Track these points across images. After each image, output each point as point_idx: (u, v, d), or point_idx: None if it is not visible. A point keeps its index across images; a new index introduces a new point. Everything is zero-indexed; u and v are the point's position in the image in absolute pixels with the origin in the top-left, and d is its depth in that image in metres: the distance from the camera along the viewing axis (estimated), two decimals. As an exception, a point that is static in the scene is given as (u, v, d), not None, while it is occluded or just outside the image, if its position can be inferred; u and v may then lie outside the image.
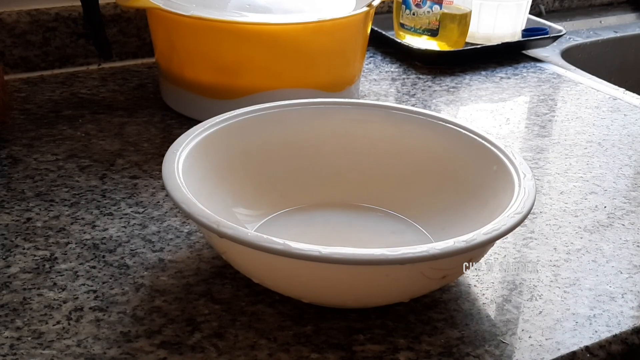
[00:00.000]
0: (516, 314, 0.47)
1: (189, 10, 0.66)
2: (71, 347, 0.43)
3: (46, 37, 0.82)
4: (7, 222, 0.55)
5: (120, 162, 0.64)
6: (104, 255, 0.51)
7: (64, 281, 0.48)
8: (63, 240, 0.53)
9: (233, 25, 0.66)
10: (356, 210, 0.57)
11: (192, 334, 0.44)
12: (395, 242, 0.53)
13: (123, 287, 0.48)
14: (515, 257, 0.53)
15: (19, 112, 0.73)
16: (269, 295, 0.48)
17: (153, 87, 0.81)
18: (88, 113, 0.74)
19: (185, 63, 0.70)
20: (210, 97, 0.70)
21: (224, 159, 0.54)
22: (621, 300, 0.49)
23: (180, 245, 0.53)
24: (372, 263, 0.40)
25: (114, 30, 0.85)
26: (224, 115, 0.55)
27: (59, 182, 0.60)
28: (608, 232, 0.57)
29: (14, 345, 0.43)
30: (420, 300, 0.48)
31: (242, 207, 0.54)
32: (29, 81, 0.81)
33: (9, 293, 0.47)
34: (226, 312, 0.46)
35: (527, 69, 0.92)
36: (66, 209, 0.57)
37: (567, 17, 1.16)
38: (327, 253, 0.39)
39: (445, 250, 0.40)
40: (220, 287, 0.48)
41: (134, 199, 0.58)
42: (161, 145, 0.67)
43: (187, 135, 0.52)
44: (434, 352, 0.43)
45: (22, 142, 0.67)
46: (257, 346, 0.43)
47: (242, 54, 0.67)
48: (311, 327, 0.45)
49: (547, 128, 0.76)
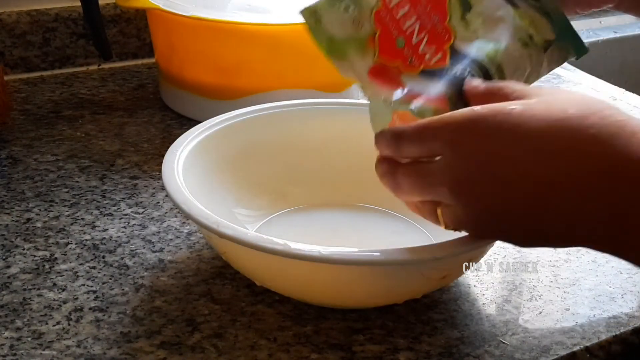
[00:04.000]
0: (516, 314, 0.47)
1: (189, 11, 0.66)
2: (71, 348, 0.43)
3: (46, 37, 0.82)
4: (7, 223, 0.55)
5: (120, 163, 0.64)
6: (104, 255, 0.51)
7: (63, 282, 0.48)
8: (63, 241, 0.53)
9: (233, 25, 0.65)
10: (356, 210, 0.57)
11: (192, 334, 0.44)
12: (395, 242, 0.53)
13: (123, 287, 0.48)
14: (515, 257, 0.53)
15: (19, 112, 0.73)
16: (269, 295, 0.48)
17: (153, 87, 0.81)
18: (88, 113, 0.74)
19: (185, 63, 0.70)
20: (210, 98, 0.70)
21: (223, 159, 0.54)
22: (621, 300, 0.49)
23: (180, 245, 0.53)
24: (373, 263, 0.40)
25: (114, 31, 0.85)
26: (224, 116, 0.55)
27: (59, 183, 0.60)
28: (608, 232, 0.57)
29: (14, 346, 0.43)
30: (420, 300, 0.48)
31: (242, 208, 0.54)
32: (29, 81, 0.81)
33: (9, 293, 0.47)
34: (226, 313, 0.46)
35: (527, 69, 0.92)
36: (66, 209, 0.57)
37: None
38: (327, 253, 0.39)
39: (445, 250, 0.40)
40: (220, 288, 0.48)
41: (134, 199, 0.58)
42: (161, 146, 0.67)
43: (187, 136, 0.52)
44: (434, 352, 0.43)
45: (22, 142, 0.67)
46: (257, 346, 0.43)
47: (242, 55, 0.67)
48: (311, 327, 0.45)
49: (547, 128, 0.76)
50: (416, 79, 0.45)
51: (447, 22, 0.45)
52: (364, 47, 0.45)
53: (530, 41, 0.45)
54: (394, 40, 0.45)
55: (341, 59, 0.46)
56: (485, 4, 0.45)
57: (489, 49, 0.44)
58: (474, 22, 0.45)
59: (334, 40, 0.45)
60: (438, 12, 0.45)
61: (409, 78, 0.45)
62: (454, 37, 0.45)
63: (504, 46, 0.45)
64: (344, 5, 0.45)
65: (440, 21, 0.45)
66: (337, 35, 0.45)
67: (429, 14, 0.45)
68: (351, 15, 0.45)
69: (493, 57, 0.44)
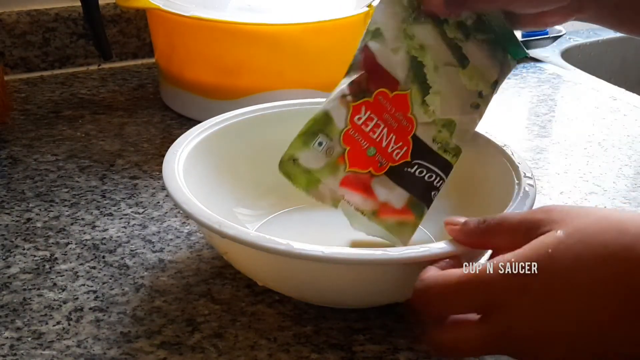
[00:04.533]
0: (516, 314, 0.47)
1: (189, 11, 0.66)
2: (71, 348, 0.43)
3: (46, 37, 0.82)
4: (7, 223, 0.55)
5: (120, 163, 0.64)
6: (104, 255, 0.51)
7: (64, 282, 0.48)
8: (63, 241, 0.53)
9: (233, 25, 0.66)
10: (356, 210, 0.57)
11: (192, 334, 0.44)
12: (395, 242, 0.53)
13: (123, 287, 0.48)
14: (516, 257, 0.53)
15: (19, 112, 0.73)
16: (269, 295, 0.48)
17: (153, 87, 0.81)
18: (88, 113, 0.74)
19: (185, 63, 0.70)
20: (210, 98, 0.70)
21: (224, 159, 0.54)
22: (621, 300, 0.49)
23: (180, 245, 0.53)
24: (374, 263, 0.40)
25: (114, 31, 0.85)
26: (224, 116, 0.55)
27: (59, 183, 0.60)
28: (608, 232, 0.57)
29: (14, 346, 0.43)
30: (421, 300, 0.47)
31: (242, 207, 0.54)
32: (29, 81, 0.81)
33: (9, 293, 0.47)
34: (226, 313, 0.46)
35: (527, 69, 0.92)
36: (66, 209, 0.57)
37: (567, 17, 1.15)
38: (329, 253, 0.39)
39: (446, 250, 0.40)
40: (220, 288, 0.48)
41: (134, 199, 0.58)
42: (161, 146, 0.67)
43: (187, 136, 0.52)
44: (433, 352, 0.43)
45: (22, 142, 0.67)
46: (257, 346, 0.43)
47: (242, 54, 0.67)
48: (311, 327, 0.45)
49: (547, 128, 0.76)
50: (384, 182, 0.48)
51: (409, 113, 0.48)
52: (334, 166, 0.48)
53: (480, 98, 0.49)
54: (364, 152, 0.48)
55: (317, 187, 0.48)
56: (442, 78, 0.48)
57: (443, 137, 0.49)
58: (432, 103, 0.48)
59: (311, 174, 0.47)
60: (401, 108, 0.48)
61: (378, 183, 0.48)
62: (415, 123, 0.48)
63: (456, 124, 0.49)
64: (318, 141, 0.47)
65: (404, 115, 0.48)
66: (313, 168, 0.47)
67: (394, 114, 0.48)
68: (324, 147, 0.47)
69: (447, 144, 0.49)
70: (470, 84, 0.49)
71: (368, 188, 0.48)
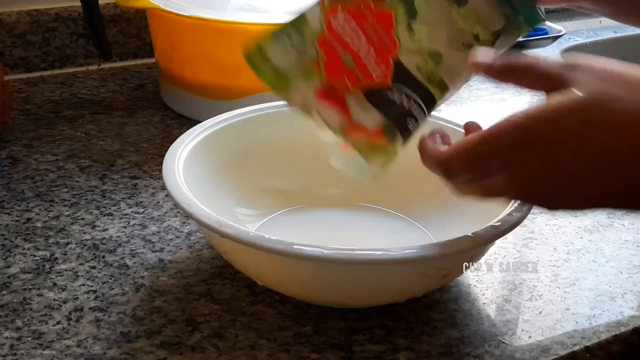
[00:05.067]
0: (516, 314, 0.47)
1: (189, 11, 0.66)
2: (71, 348, 0.43)
3: (46, 37, 0.82)
4: (7, 223, 0.55)
5: (120, 163, 0.64)
6: (104, 255, 0.51)
7: (64, 281, 0.48)
8: (63, 241, 0.53)
9: (233, 25, 0.65)
10: (356, 209, 0.57)
11: (192, 334, 0.44)
12: (396, 242, 0.53)
13: (123, 287, 0.48)
14: (515, 257, 0.53)
15: (19, 112, 0.73)
16: (269, 295, 0.48)
17: (153, 87, 0.81)
18: (88, 113, 0.74)
19: (185, 63, 0.70)
20: (210, 98, 0.70)
21: (224, 159, 0.54)
22: (621, 300, 0.49)
23: (180, 245, 0.53)
24: (374, 263, 0.40)
25: (114, 31, 0.85)
26: (224, 115, 0.55)
27: (59, 183, 0.60)
28: (608, 232, 0.57)
29: (14, 346, 0.43)
30: (421, 300, 0.48)
31: (242, 207, 0.54)
32: (29, 81, 0.81)
33: (9, 293, 0.47)
34: (226, 312, 0.46)
35: (527, 69, 0.92)
36: (66, 209, 0.57)
37: (567, 17, 1.15)
38: (330, 253, 0.39)
39: (446, 249, 0.40)
40: (220, 287, 0.48)
41: (134, 199, 0.58)
42: (161, 146, 0.67)
43: (187, 136, 0.52)
44: (433, 352, 0.43)
45: (22, 142, 0.67)
46: (257, 346, 0.43)
47: (242, 55, 0.67)
48: (311, 327, 0.45)
49: (547, 128, 0.76)
50: (360, 100, 0.46)
51: (393, 32, 0.46)
52: (308, 71, 0.46)
53: (476, 41, 0.46)
54: (341, 60, 0.46)
55: (286, 89, 0.46)
56: (432, 8, 0.46)
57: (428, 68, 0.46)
58: (419, 31, 0.46)
59: (279, 72, 0.46)
60: (384, 24, 0.46)
61: (353, 99, 0.46)
62: (399, 47, 0.46)
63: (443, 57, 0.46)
64: (289, 37, 0.46)
65: (387, 32, 0.46)
66: (282, 66, 0.46)
67: (375, 28, 0.46)
68: (295, 45, 0.46)
69: (432, 76, 0.46)
70: (464, 23, 0.46)
71: (343, 102, 0.46)
